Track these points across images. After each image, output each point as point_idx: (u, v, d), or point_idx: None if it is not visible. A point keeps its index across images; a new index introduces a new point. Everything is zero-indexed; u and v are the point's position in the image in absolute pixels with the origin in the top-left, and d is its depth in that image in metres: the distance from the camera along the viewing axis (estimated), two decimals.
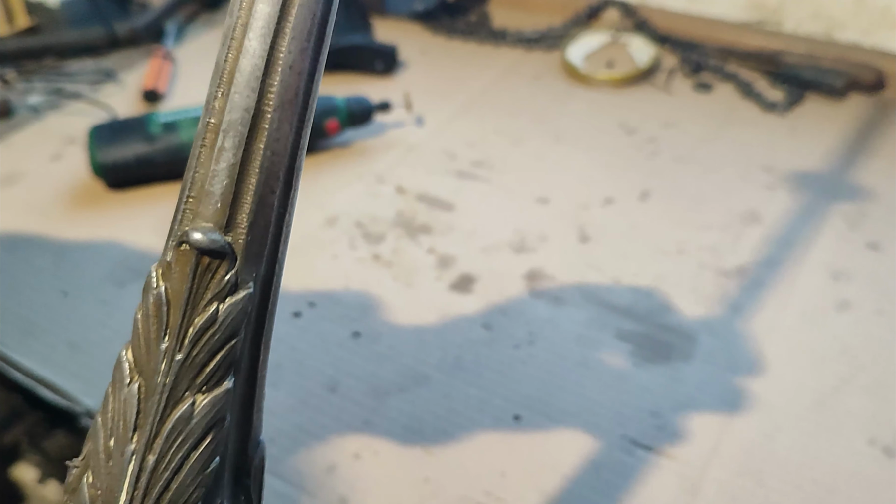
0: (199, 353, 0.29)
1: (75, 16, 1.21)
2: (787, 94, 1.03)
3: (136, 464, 0.29)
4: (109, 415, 0.29)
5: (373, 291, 0.77)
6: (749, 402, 0.65)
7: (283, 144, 0.29)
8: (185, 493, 0.29)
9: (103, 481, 0.29)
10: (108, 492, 0.29)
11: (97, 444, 0.29)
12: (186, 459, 0.29)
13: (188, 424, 0.29)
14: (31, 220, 0.87)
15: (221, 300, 0.29)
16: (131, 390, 0.29)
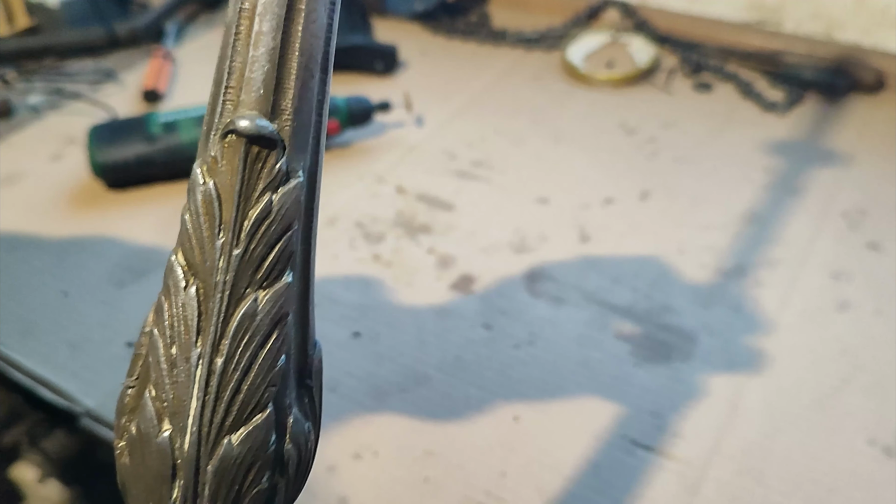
0: (256, 246, 0.28)
1: (75, 16, 1.21)
2: (787, 94, 1.03)
3: (203, 368, 0.28)
4: (167, 322, 0.28)
5: (373, 291, 0.77)
6: (749, 401, 0.65)
7: (320, 26, 0.28)
8: (256, 393, 0.28)
9: (169, 392, 0.28)
10: (177, 401, 0.28)
11: (157, 354, 0.28)
12: (255, 358, 0.28)
13: (253, 322, 0.28)
14: (31, 220, 0.87)
15: (274, 190, 0.28)
16: (189, 293, 0.28)
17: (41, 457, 0.73)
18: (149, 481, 0.28)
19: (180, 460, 0.28)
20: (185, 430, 0.28)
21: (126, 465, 0.29)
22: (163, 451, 0.28)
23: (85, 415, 0.66)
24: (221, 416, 0.28)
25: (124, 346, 0.71)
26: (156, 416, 0.28)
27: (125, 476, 0.29)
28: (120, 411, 0.29)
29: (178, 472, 0.28)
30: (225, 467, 0.28)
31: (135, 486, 0.28)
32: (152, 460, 0.28)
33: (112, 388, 0.68)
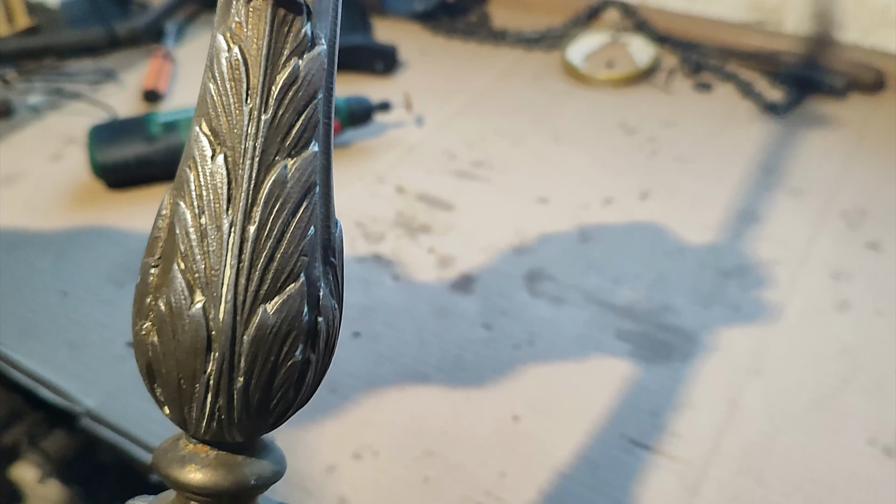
0: (284, 112, 0.27)
1: (75, 16, 1.21)
2: (787, 94, 1.03)
3: (236, 236, 0.27)
4: (194, 193, 0.27)
5: (373, 291, 0.77)
6: (749, 402, 0.65)
7: None
8: (289, 262, 0.28)
9: (200, 263, 0.27)
10: (209, 271, 0.27)
11: (185, 226, 0.27)
12: (287, 227, 0.28)
13: (284, 189, 0.27)
14: (31, 220, 0.87)
15: (300, 55, 0.27)
16: (217, 162, 0.27)
17: (41, 457, 0.73)
18: (181, 356, 0.27)
19: (215, 331, 0.27)
20: (220, 300, 0.27)
21: (154, 345, 0.28)
22: (197, 323, 0.27)
23: (85, 415, 0.66)
24: (256, 285, 0.27)
25: (124, 346, 0.71)
26: (187, 288, 0.27)
27: (153, 356, 0.28)
28: (143, 292, 0.28)
29: (214, 344, 0.27)
30: (261, 337, 0.27)
31: (164, 365, 0.28)
32: (185, 334, 0.27)
33: (112, 388, 0.68)
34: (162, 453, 0.30)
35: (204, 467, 0.29)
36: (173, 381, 0.28)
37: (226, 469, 0.29)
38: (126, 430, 0.64)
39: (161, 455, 0.30)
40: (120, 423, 0.65)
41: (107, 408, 0.66)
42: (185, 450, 0.29)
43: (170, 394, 0.28)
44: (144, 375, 0.29)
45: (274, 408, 0.29)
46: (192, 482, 0.29)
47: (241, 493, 0.29)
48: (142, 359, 0.29)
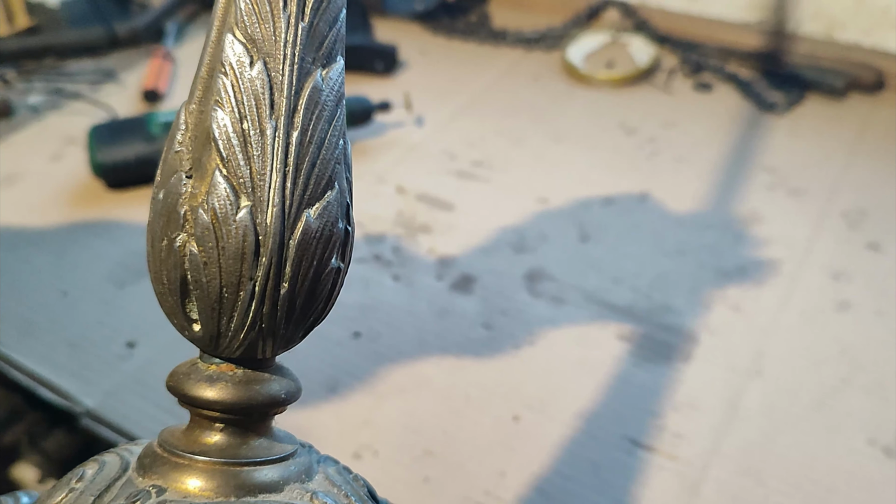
0: (319, 21, 0.28)
1: (75, 16, 1.21)
2: (787, 94, 1.03)
3: (281, 140, 0.27)
4: (233, 99, 0.27)
5: (373, 291, 0.77)
6: (749, 402, 0.65)
7: None
8: (327, 168, 0.28)
9: (244, 168, 0.27)
10: (255, 176, 0.27)
11: (225, 132, 0.27)
12: (326, 133, 0.28)
13: (321, 97, 0.28)
14: (31, 220, 0.87)
15: None
16: (256, 68, 0.27)
17: (41, 457, 0.72)
18: (226, 263, 0.27)
19: (263, 235, 0.27)
20: (267, 204, 0.27)
21: (193, 255, 0.27)
22: (245, 227, 0.27)
23: (85, 415, 0.66)
24: (301, 189, 0.28)
25: (124, 346, 0.71)
26: (232, 193, 0.27)
27: (191, 267, 0.27)
28: (173, 204, 0.28)
29: (262, 249, 0.27)
30: (306, 241, 0.28)
31: (206, 274, 0.27)
32: (231, 239, 0.27)
33: (112, 387, 0.68)
34: (182, 377, 0.30)
35: (236, 384, 0.29)
36: (214, 290, 0.28)
37: (256, 384, 0.29)
38: (126, 430, 0.64)
39: (182, 379, 0.29)
40: (120, 423, 0.65)
41: (107, 408, 0.66)
42: (209, 370, 0.29)
43: (208, 305, 0.28)
44: (175, 292, 0.28)
45: (309, 316, 0.29)
46: (226, 399, 0.29)
47: (271, 408, 0.30)
48: (174, 273, 0.28)
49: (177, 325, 0.29)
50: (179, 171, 0.28)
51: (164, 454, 0.29)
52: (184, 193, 0.28)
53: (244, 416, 0.29)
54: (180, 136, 0.28)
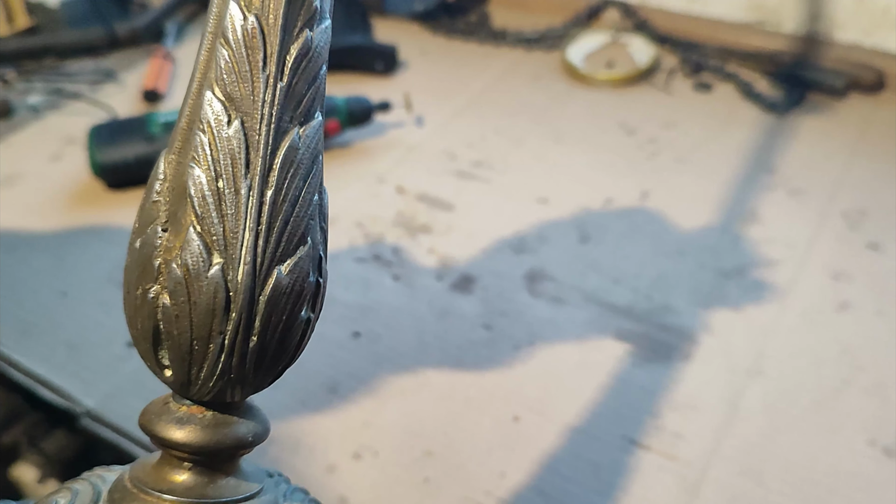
0: (298, 81, 0.28)
1: (75, 16, 1.21)
2: (787, 94, 1.03)
3: (255, 199, 0.28)
4: (210, 157, 0.27)
5: (373, 291, 0.77)
6: (749, 402, 0.65)
7: None
8: (300, 225, 0.29)
9: (217, 226, 0.27)
10: (228, 233, 0.28)
11: (200, 189, 0.27)
12: (300, 191, 0.28)
13: (296, 155, 0.28)
14: (30, 221, 0.87)
15: (311, 27, 0.28)
16: (234, 126, 0.28)
17: (41, 457, 0.72)
18: (197, 318, 0.28)
19: (233, 292, 0.28)
20: (239, 262, 0.28)
21: (165, 307, 0.28)
22: (216, 284, 0.27)
23: (85, 415, 0.66)
24: (273, 247, 0.28)
25: (124, 346, 0.71)
26: (205, 250, 0.27)
27: (163, 318, 0.28)
28: (147, 255, 0.28)
29: (232, 305, 0.28)
30: (276, 297, 0.28)
31: (177, 326, 0.28)
32: (202, 294, 0.27)
33: (112, 388, 0.68)
34: (153, 417, 0.30)
35: (204, 427, 0.29)
36: (185, 342, 0.28)
37: (224, 427, 0.30)
38: (126, 430, 0.64)
39: (153, 419, 0.30)
40: (120, 423, 0.65)
41: (106, 408, 0.66)
42: (179, 412, 0.30)
43: (178, 355, 0.28)
44: (148, 339, 0.29)
45: (279, 365, 0.30)
46: (193, 442, 0.29)
47: (238, 450, 0.30)
48: (147, 322, 0.29)
49: (150, 367, 0.30)
50: (156, 223, 0.28)
51: (133, 490, 0.30)
52: (159, 246, 0.28)
53: (211, 458, 0.30)
54: (158, 186, 0.29)
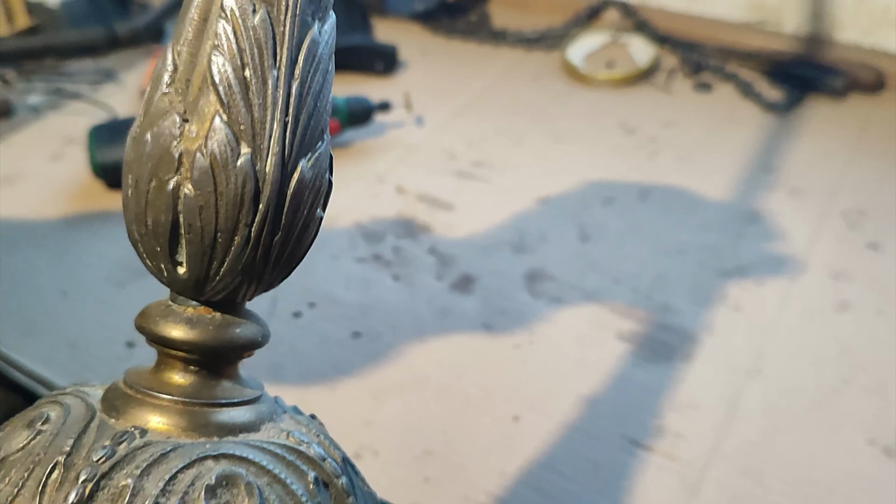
0: None
1: (75, 16, 1.21)
2: (787, 94, 1.03)
3: (283, 90, 0.28)
4: (235, 45, 0.27)
5: (373, 291, 0.77)
6: (749, 401, 0.65)
7: None
8: (320, 120, 0.29)
9: (245, 115, 0.27)
10: (256, 124, 0.27)
11: (226, 78, 0.27)
12: (321, 85, 0.29)
13: (318, 49, 0.28)
14: (31, 220, 0.87)
15: None
16: (260, 16, 0.27)
17: None
18: (224, 209, 0.27)
19: (261, 182, 0.27)
20: (267, 152, 0.27)
21: (188, 197, 0.27)
22: (245, 174, 0.27)
23: None
24: (300, 139, 0.28)
25: (124, 346, 0.71)
26: (233, 139, 0.27)
27: (185, 209, 0.27)
28: (165, 145, 0.27)
29: (261, 196, 0.27)
30: (300, 190, 0.28)
31: (202, 218, 0.27)
32: (230, 184, 0.27)
33: None
34: (157, 319, 0.29)
35: (215, 327, 0.29)
36: (209, 234, 0.28)
37: (233, 328, 0.29)
38: None
39: (158, 320, 0.29)
40: None
41: None
42: (186, 313, 0.29)
43: (199, 250, 0.28)
44: (163, 234, 0.28)
45: (293, 262, 0.30)
46: (205, 341, 0.29)
47: (246, 350, 0.30)
48: (163, 215, 0.28)
49: (153, 267, 0.29)
50: (173, 112, 0.28)
51: (134, 395, 0.29)
52: (178, 136, 0.27)
53: (218, 358, 0.29)
54: (168, 78, 0.28)
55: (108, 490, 0.25)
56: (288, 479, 0.27)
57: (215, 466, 0.26)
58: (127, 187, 0.29)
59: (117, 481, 0.25)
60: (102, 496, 0.25)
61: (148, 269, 0.30)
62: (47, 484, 0.25)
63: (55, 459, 0.26)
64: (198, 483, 0.25)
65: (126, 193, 0.29)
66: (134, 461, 0.26)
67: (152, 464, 0.26)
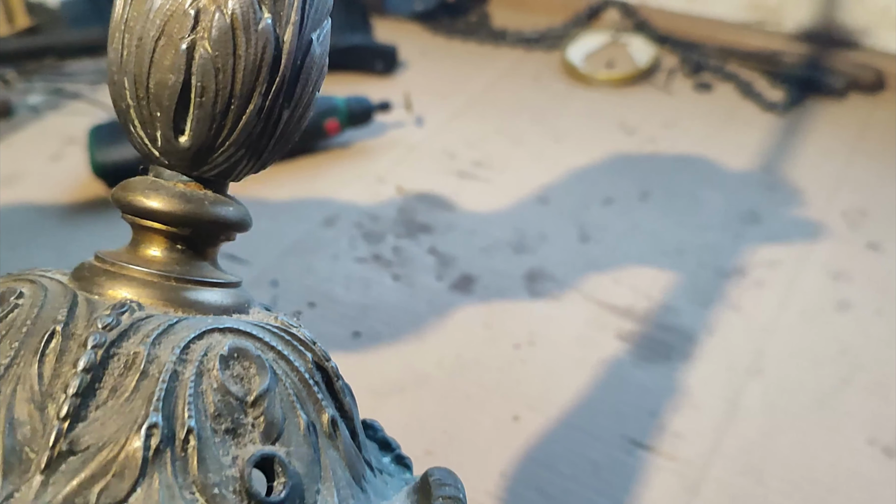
0: None
1: (75, 16, 1.21)
2: (787, 94, 1.03)
3: None
4: None
5: (373, 291, 0.77)
6: (749, 401, 0.65)
7: None
8: (326, 3, 0.28)
9: None
10: None
11: None
12: None
13: None
14: (31, 221, 0.87)
15: None
16: None
17: None
18: (241, 73, 0.26)
19: (281, 51, 0.26)
20: (287, 20, 0.27)
21: (205, 59, 0.26)
22: (266, 38, 0.26)
23: None
24: (314, 11, 0.27)
25: None
26: (255, 1, 0.26)
27: (202, 71, 0.26)
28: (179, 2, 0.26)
29: (279, 64, 0.27)
30: (310, 64, 0.28)
31: (218, 81, 0.26)
32: (250, 48, 0.26)
33: None
34: (145, 190, 0.28)
35: (209, 203, 0.28)
36: (223, 99, 0.26)
37: (223, 206, 0.28)
38: None
39: (147, 192, 0.27)
40: None
41: None
42: (178, 187, 0.28)
43: (209, 115, 0.27)
44: (170, 97, 0.27)
45: (289, 142, 0.29)
46: (201, 216, 0.28)
47: (235, 230, 0.29)
48: (172, 76, 0.26)
49: (145, 136, 0.27)
50: None
51: (117, 270, 0.27)
52: None
53: (205, 236, 0.28)
54: None
55: (119, 358, 0.24)
56: (291, 357, 0.27)
57: (223, 339, 0.25)
58: (122, 48, 0.27)
59: (127, 349, 0.24)
60: (114, 364, 0.23)
61: (134, 141, 0.28)
62: (45, 353, 0.24)
63: (50, 328, 0.24)
64: (210, 353, 0.25)
65: (119, 55, 0.27)
66: (140, 330, 0.24)
67: (161, 333, 0.25)
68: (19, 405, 0.22)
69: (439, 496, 0.27)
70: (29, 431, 0.22)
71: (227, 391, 0.24)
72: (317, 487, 0.25)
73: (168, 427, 0.22)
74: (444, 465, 0.63)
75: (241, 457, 0.23)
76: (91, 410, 0.22)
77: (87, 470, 0.21)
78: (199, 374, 0.24)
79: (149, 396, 0.23)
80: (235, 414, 0.24)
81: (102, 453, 0.21)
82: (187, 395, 0.23)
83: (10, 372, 0.23)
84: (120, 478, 0.21)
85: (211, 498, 0.22)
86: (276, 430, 0.24)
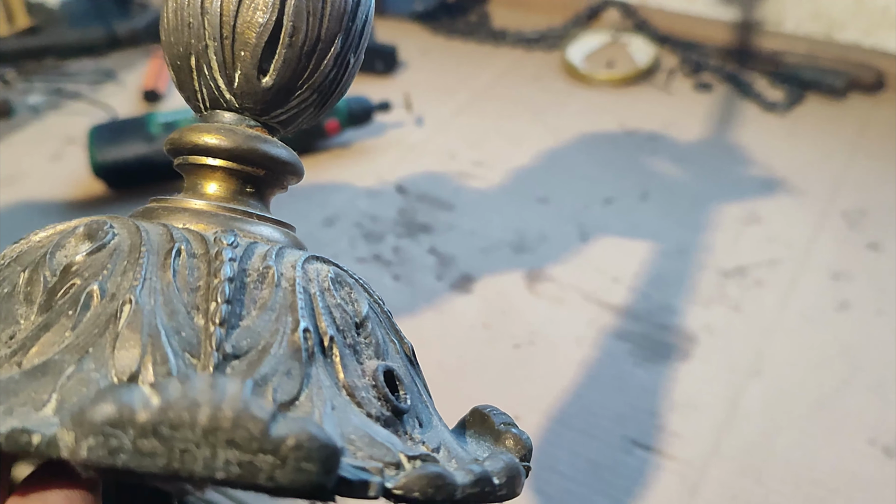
0: None
1: (75, 16, 1.21)
2: (787, 94, 1.03)
3: None
4: None
5: None
6: (749, 402, 0.65)
7: None
8: None
9: None
10: None
11: None
12: None
13: None
14: (31, 220, 0.87)
15: None
16: None
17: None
18: (328, 16, 0.27)
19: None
20: None
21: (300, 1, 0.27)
22: None
23: None
24: None
25: None
26: None
27: (295, 11, 0.27)
28: None
29: (359, 8, 0.28)
30: (370, 15, 0.29)
31: (308, 23, 0.27)
32: None
33: None
34: (216, 131, 0.27)
35: (281, 147, 0.28)
36: (311, 41, 0.27)
37: (289, 151, 0.29)
38: None
39: (217, 131, 0.27)
40: None
41: None
42: (247, 131, 0.28)
43: (296, 56, 0.27)
44: (258, 40, 0.27)
45: (341, 94, 0.31)
46: (276, 156, 0.28)
47: (295, 178, 0.30)
48: (269, 15, 0.27)
49: (225, 76, 0.27)
50: None
51: (178, 204, 0.27)
52: None
53: (274, 178, 0.28)
54: None
55: (249, 273, 0.24)
56: (369, 289, 0.27)
57: (324, 266, 0.26)
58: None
59: (255, 265, 0.24)
60: (250, 277, 0.24)
61: (201, 85, 0.28)
62: (176, 269, 0.23)
63: (169, 246, 0.24)
64: (322, 274, 0.25)
65: (195, 4, 0.27)
66: (256, 252, 0.25)
67: (278, 254, 0.25)
68: (167, 316, 0.22)
69: (501, 422, 0.30)
70: (185, 339, 0.22)
71: (344, 310, 0.25)
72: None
73: (316, 334, 0.23)
74: None
75: (368, 368, 0.24)
76: (241, 318, 0.23)
77: (255, 371, 0.21)
78: (321, 292, 0.25)
79: (291, 305, 0.23)
80: (353, 331, 0.25)
81: (266, 355, 0.22)
82: (321, 308, 0.24)
83: (146, 285, 0.23)
84: (289, 377, 0.22)
85: (360, 400, 0.23)
86: (381, 351, 0.25)
